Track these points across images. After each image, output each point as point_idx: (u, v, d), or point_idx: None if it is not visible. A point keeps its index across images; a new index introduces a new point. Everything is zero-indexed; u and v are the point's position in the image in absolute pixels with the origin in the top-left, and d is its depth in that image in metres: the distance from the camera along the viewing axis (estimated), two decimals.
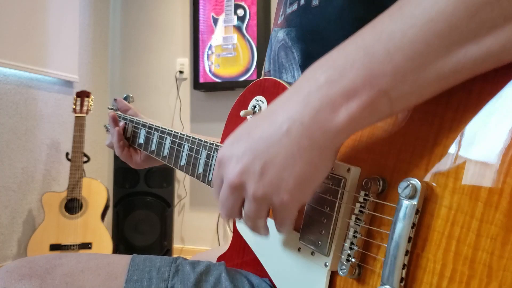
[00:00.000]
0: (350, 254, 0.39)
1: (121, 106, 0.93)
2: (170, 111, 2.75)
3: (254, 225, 0.42)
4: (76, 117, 2.17)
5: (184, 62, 2.72)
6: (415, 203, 0.34)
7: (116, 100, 0.94)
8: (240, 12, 2.47)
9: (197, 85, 2.57)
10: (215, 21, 2.53)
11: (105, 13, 2.87)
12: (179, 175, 2.66)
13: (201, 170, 0.64)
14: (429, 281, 0.33)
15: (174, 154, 0.72)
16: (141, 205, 2.40)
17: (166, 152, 0.74)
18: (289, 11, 0.62)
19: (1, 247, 2.14)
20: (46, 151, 2.40)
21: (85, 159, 2.23)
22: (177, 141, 0.71)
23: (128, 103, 0.94)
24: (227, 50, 2.50)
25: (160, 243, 2.38)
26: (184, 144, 0.69)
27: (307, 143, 0.36)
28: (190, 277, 0.53)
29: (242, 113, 0.57)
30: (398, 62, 0.32)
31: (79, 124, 2.16)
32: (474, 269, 0.31)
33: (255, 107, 0.57)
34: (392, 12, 0.34)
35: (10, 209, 2.18)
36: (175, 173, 2.52)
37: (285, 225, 0.41)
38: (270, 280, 0.51)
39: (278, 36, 0.64)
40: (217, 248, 0.83)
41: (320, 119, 0.35)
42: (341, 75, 0.34)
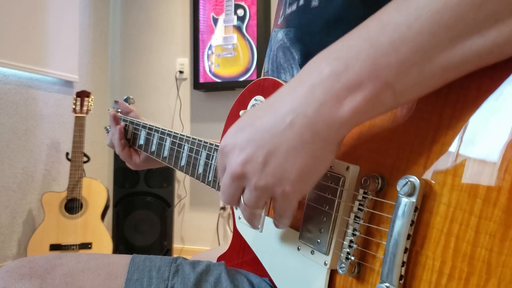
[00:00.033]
0: (350, 252, 0.39)
1: (123, 108, 0.92)
2: (170, 111, 2.75)
3: (251, 215, 0.42)
4: (76, 117, 2.17)
5: (184, 62, 2.72)
6: (414, 201, 0.34)
7: (117, 102, 0.93)
8: (240, 12, 2.47)
9: (197, 85, 2.57)
10: (215, 21, 2.53)
11: (105, 13, 2.87)
12: (179, 175, 2.66)
13: (201, 171, 0.64)
14: (428, 278, 0.34)
15: (174, 155, 0.72)
16: (141, 205, 2.40)
17: (166, 153, 0.74)
18: (289, 12, 0.61)
19: (1, 247, 2.14)
20: (46, 151, 2.40)
21: (85, 159, 2.23)
22: (177, 142, 0.71)
23: (129, 105, 0.93)
24: (227, 50, 2.50)
25: (160, 243, 2.38)
26: (184, 145, 0.69)
27: (310, 136, 0.36)
28: (190, 277, 0.53)
29: (242, 113, 0.57)
30: (403, 54, 0.32)
31: (79, 124, 2.16)
32: (473, 266, 0.31)
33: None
34: (398, 3, 0.34)
35: (10, 209, 2.18)
36: (175, 173, 2.52)
37: (285, 217, 0.41)
38: (270, 280, 0.51)
39: (277, 37, 0.64)
40: (217, 248, 0.84)
41: (324, 112, 0.35)
42: (346, 67, 0.34)
